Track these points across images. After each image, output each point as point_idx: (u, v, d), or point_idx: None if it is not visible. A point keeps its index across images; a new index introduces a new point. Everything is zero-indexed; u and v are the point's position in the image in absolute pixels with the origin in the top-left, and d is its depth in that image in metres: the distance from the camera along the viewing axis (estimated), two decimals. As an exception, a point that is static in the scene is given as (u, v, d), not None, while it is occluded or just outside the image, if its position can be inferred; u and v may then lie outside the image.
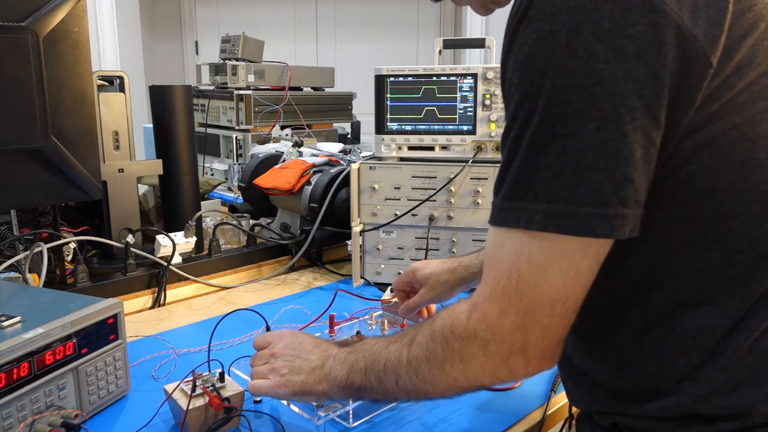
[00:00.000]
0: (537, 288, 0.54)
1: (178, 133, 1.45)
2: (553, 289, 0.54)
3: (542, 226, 0.52)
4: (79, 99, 1.10)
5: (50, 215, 1.22)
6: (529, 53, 0.52)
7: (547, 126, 0.51)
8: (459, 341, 0.59)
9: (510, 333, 0.56)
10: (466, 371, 0.60)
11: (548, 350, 0.57)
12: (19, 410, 0.73)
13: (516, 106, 0.54)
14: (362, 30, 5.11)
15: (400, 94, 1.37)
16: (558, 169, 0.51)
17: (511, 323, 0.56)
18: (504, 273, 0.55)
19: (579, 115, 0.50)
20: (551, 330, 0.56)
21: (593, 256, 0.53)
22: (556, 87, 0.51)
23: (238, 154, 2.44)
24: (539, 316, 0.55)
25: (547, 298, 0.54)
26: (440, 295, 1.02)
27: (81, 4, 1.07)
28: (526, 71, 0.53)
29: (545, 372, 0.97)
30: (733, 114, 0.53)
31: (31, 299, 0.90)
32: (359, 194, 1.38)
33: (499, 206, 0.56)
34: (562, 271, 0.53)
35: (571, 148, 0.51)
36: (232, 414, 0.80)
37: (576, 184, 0.51)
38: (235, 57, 2.57)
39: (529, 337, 0.56)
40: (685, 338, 0.58)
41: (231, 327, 1.08)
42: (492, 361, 0.58)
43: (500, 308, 0.56)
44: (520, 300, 0.55)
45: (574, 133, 0.50)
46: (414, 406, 0.89)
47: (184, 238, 1.37)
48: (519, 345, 0.56)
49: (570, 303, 0.55)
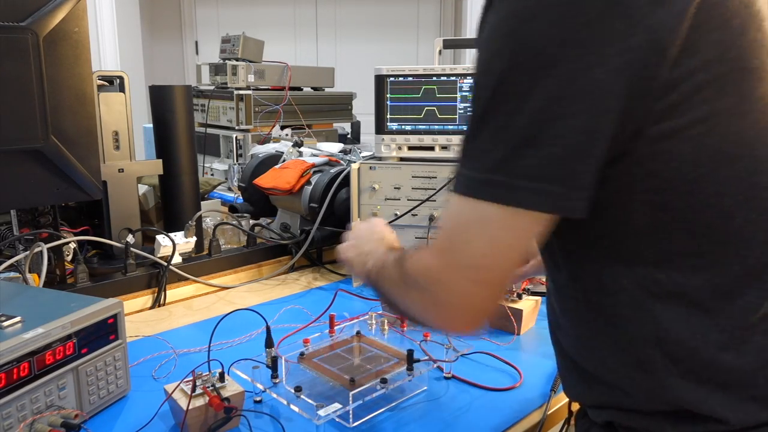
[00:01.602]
0: (461, 252, 0.57)
1: (178, 133, 1.45)
2: (477, 255, 0.56)
3: (474, 193, 0.55)
4: (79, 99, 1.10)
5: (50, 215, 1.22)
6: (488, 34, 0.55)
7: (494, 102, 0.54)
8: (410, 281, 0.64)
9: (436, 285, 0.60)
10: (411, 307, 0.66)
11: (467, 316, 0.60)
12: (19, 410, 0.73)
13: (475, 81, 0.57)
14: (362, 30, 5.11)
15: (400, 94, 1.37)
16: (495, 141, 0.54)
17: (439, 278, 0.59)
18: (443, 232, 0.60)
19: (523, 94, 0.52)
20: (471, 297, 0.58)
21: (520, 231, 0.55)
22: (506, 67, 0.53)
23: (238, 154, 2.43)
24: (460, 279, 0.58)
25: (470, 262, 0.57)
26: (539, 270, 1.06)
27: (81, 4, 1.07)
28: (485, 50, 0.56)
29: (545, 372, 0.98)
30: (700, 107, 0.53)
31: (31, 299, 0.90)
32: (359, 194, 1.38)
33: (457, 173, 0.59)
34: (487, 238, 0.56)
35: (510, 124, 0.53)
36: (232, 414, 0.80)
37: (508, 158, 0.53)
38: (235, 57, 2.57)
39: (449, 298, 0.59)
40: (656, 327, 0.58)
41: (231, 327, 1.08)
42: (424, 306, 0.63)
43: (435, 263, 0.60)
44: (447, 260, 0.58)
45: (516, 110, 0.52)
46: (414, 406, 0.89)
47: (184, 238, 1.37)
48: (441, 300, 0.60)
49: (494, 273, 0.57)
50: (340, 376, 0.89)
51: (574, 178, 0.53)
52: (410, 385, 0.93)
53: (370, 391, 0.85)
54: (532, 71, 0.52)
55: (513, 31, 0.53)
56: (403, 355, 0.92)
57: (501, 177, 0.53)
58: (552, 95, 0.51)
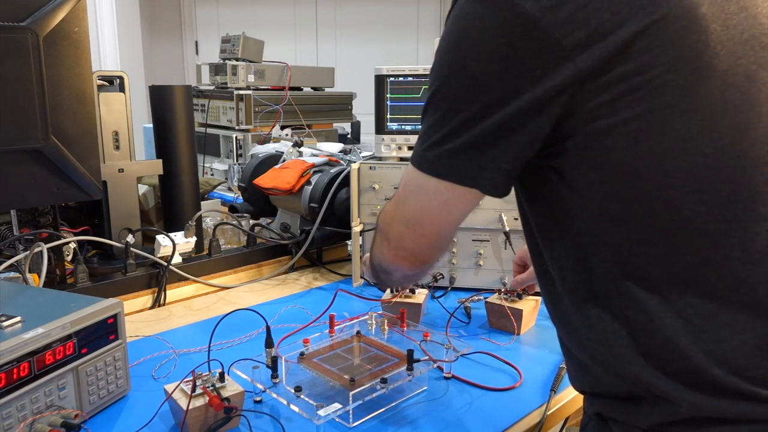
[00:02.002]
0: (404, 208, 0.72)
1: (178, 133, 1.45)
2: (412, 212, 0.71)
3: (416, 164, 0.69)
4: (79, 99, 1.10)
5: (50, 215, 1.22)
6: (440, 42, 0.66)
7: (434, 99, 0.66)
8: (380, 224, 0.78)
9: (386, 227, 0.75)
10: (381, 248, 0.77)
11: (404, 255, 0.74)
12: (19, 410, 0.73)
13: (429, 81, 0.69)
14: (362, 30, 5.11)
15: (400, 94, 1.37)
16: (432, 128, 0.67)
17: (388, 223, 0.75)
18: (399, 190, 0.74)
19: (452, 97, 0.64)
20: (404, 240, 0.73)
21: (441, 199, 0.68)
22: (445, 74, 0.64)
23: (238, 154, 2.44)
24: (400, 227, 0.73)
25: (408, 217, 0.71)
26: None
27: (81, 4, 1.07)
28: (437, 54, 0.66)
29: (545, 372, 0.98)
30: (634, 106, 0.57)
31: (31, 299, 0.90)
32: (359, 194, 1.38)
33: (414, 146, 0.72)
34: (420, 201, 0.69)
35: (442, 117, 0.65)
36: (232, 414, 0.80)
37: (437, 141, 0.65)
38: (235, 57, 2.57)
39: (391, 239, 0.74)
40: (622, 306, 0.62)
41: (231, 327, 1.08)
42: (379, 244, 0.77)
43: (389, 212, 0.75)
44: (395, 212, 0.73)
45: (447, 108, 0.64)
46: (414, 406, 0.89)
47: (184, 238, 1.37)
48: (387, 238, 0.75)
49: (424, 230, 0.71)
50: (340, 376, 0.89)
51: (485, 162, 0.63)
52: (410, 385, 0.93)
53: (370, 391, 0.85)
54: (462, 83, 0.62)
55: (452, 45, 0.63)
56: (403, 355, 0.92)
57: (432, 155, 0.66)
58: (476, 102, 0.61)
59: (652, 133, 0.57)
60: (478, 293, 1.27)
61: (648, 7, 0.56)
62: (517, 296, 1.16)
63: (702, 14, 0.57)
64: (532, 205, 0.71)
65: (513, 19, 0.57)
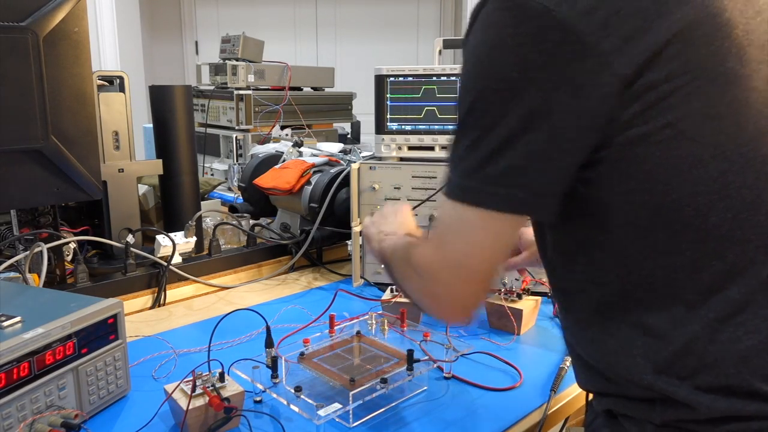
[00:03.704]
0: (447, 250, 0.64)
1: (178, 133, 1.45)
2: (459, 253, 0.63)
3: (455, 196, 0.62)
4: (79, 99, 1.10)
5: (50, 215, 1.22)
6: (466, 57, 0.63)
7: (470, 118, 0.61)
8: (413, 268, 0.70)
9: (429, 277, 0.67)
10: (413, 291, 0.73)
11: (454, 308, 0.68)
12: (19, 410, 0.73)
13: (458, 95, 0.64)
14: (362, 30, 5.11)
15: (400, 94, 1.37)
16: (469, 152, 0.61)
17: (431, 272, 0.67)
18: (436, 229, 0.67)
19: (492, 114, 0.59)
20: (456, 291, 0.66)
21: (494, 231, 0.62)
22: (479, 88, 0.60)
23: (238, 154, 2.43)
24: (447, 274, 0.65)
25: (454, 260, 0.64)
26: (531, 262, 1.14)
27: (81, 4, 1.07)
28: (464, 71, 0.63)
29: (545, 372, 0.98)
30: (666, 113, 0.56)
31: (31, 299, 0.90)
32: (359, 194, 1.38)
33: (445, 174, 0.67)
34: (467, 238, 0.63)
35: (482, 137, 0.60)
36: (232, 414, 0.80)
37: (478, 166, 0.60)
38: (235, 57, 2.56)
39: (438, 290, 0.67)
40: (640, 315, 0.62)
41: (231, 327, 1.08)
42: (421, 293, 0.70)
43: (428, 258, 0.67)
44: (437, 256, 0.66)
45: (487, 127, 0.59)
46: (414, 406, 0.89)
47: (184, 238, 1.37)
48: (433, 291, 0.68)
49: (475, 271, 0.64)
50: (340, 376, 0.89)
51: (535, 185, 0.59)
52: (410, 385, 0.93)
53: (370, 391, 0.85)
54: (500, 95, 0.58)
55: (484, 57, 0.60)
56: (403, 355, 0.92)
57: (474, 183, 0.61)
58: (517, 115, 0.58)
59: (683, 141, 0.57)
60: (478, 293, 1.27)
61: (675, 13, 0.56)
62: (517, 296, 1.16)
63: (726, 20, 0.57)
64: None
65: (549, 26, 0.56)
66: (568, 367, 0.98)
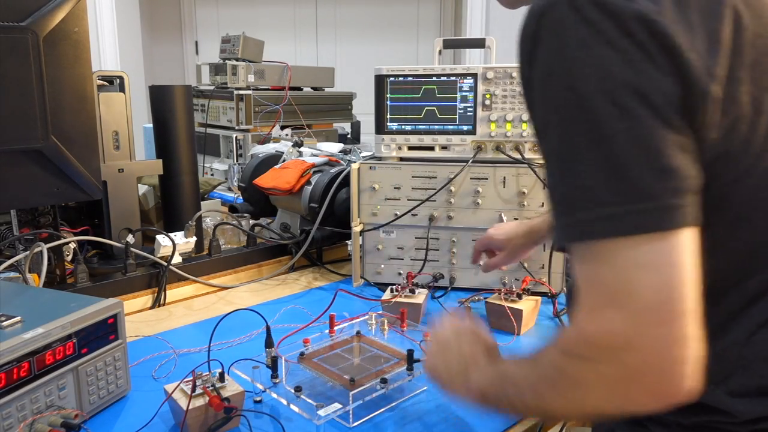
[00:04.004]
0: (630, 295, 0.50)
1: (178, 133, 1.45)
2: (649, 292, 0.49)
3: (601, 234, 0.51)
4: (79, 99, 1.10)
5: (50, 215, 1.22)
6: (547, 70, 0.55)
7: (579, 134, 0.53)
8: (571, 363, 0.55)
9: (619, 352, 0.50)
10: (585, 397, 0.55)
11: (673, 372, 0.50)
12: (19, 410, 0.73)
13: (544, 122, 0.56)
14: (362, 30, 5.11)
15: (400, 94, 1.37)
16: (596, 174, 0.52)
17: (616, 340, 0.51)
18: (593, 287, 0.53)
19: (606, 118, 0.52)
20: (667, 343, 0.49)
21: (676, 247, 0.50)
22: (577, 95, 0.53)
23: (238, 154, 2.43)
24: (644, 327, 0.50)
25: (645, 303, 0.49)
26: (517, 256, 1.17)
27: (81, 4, 1.07)
28: (548, 86, 0.55)
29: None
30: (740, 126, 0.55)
31: (31, 299, 0.90)
32: (359, 194, 1.38)
33: (558, 225, 0.56)
34: (649, 269, 0.50)
35: (605, 151, 0.52)
36: (232, 414, 0.80)
37: (617, 185, 0.51)
38: (235, 57, 2.56)
39: (645, 357, 0.50)
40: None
41: (231, 327, 1.08)
42: (608, 387, 0.52)
43: (600, 326, 0.52)
44: (616, 312, 0.51)
45: (605, 136, 0.52)
46: (414, 406, 0.89)
47: (184, 238, 1.37)
48: (634, 367, 0.50)
49: (678, 304, 0.49)
50: (340, 376, 0.89)
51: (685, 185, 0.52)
52: (410, 385, 0.93)
53: (370, 391, 0.85)
54: (607, 93, 0.52)
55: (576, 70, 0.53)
56: (403, 355, 0.92)
57: (613, 209, 0.51)
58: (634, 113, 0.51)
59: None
60: (478, 293, 1.27)
61: (726, 16, 0.55)
62: (517, 296, 1.16)
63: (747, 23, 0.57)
64: None
65: (635, 27, 0.52)
66: (568, 367, 0.98)
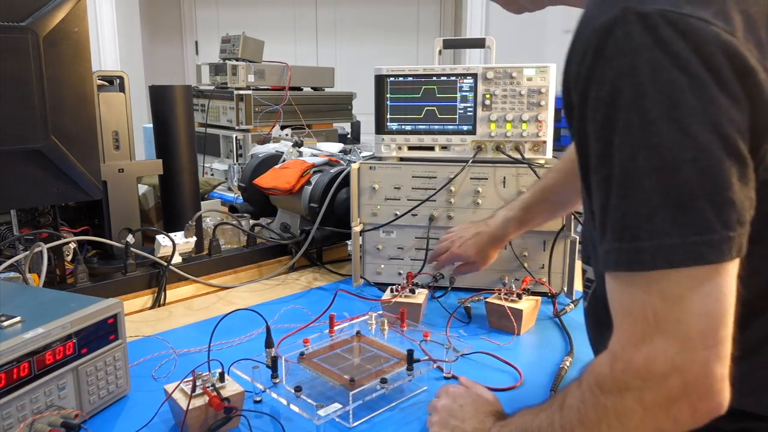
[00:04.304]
0: (680, 323, 0.52)
1: (178, 133, 1.45)
2: (699, 320, 0.52)
3: (651, 265, 0.52)
4: (79, 99, 1.10)
5: (50, 215, 1.22)
6: (612, 90, 0.54)
7: (640, 161, 0.52)
8: (611, 398, 0.56)
9: (663, 379, 0.53)
10: (626, 429, 0.56)
11: (714, 388, 0.52)
12: (19, 410, 0.73)
13: (603, 143, 0.55)
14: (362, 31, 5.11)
15: (400, 94, 1.37)
16: (657, 203, 0.52)
17: (662, 367, 0.53)
18: (638, 316, 0.54)
19: (672, 146, 0.51)
20: (709, 364, 0.52)
21: (725, 278, 0.52)
22: (645, 120, 0.52)
23: (238, 154, 2.44)
24: (691, 353, 0.52)
25: (695, 330, 0.52)
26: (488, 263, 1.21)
27: (81, 4, 1.07)
28: (611, 107, 0.54)
29: (545, 372, 0.98)
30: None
31: (31, 299, 0.90)
32: (359, 194, 1.38)
33: (606, 250, 0.56)
34: (699, 299, 0.52)
35: (669, 179, 0.51)
36: (232, 414, 0.80)
37: (678, 215, 0.51)
38: (235, 57, 2.57)
39: (687, 379, 0.52)
40: None
41: (231, 327, 1.08)
42: (652, 412, 0.54)
43: (644, 354, 0.53)
44: (664, 340, 0.52)
45: (670, 164, 0.51)
46: (414, 406, 0.89)
47: (184, 238, 1.37)
48: (678, 389, 0.53)
49: (722, 329, 0.52)
50: (340, 376, 0.89)
51: (741, 218, 0.52)
52: (410, 385, 0.93)
53: (370, 391, 0.85)
54: (675, 120, 0.51)
55: (635, 104, 0.52)
56: (403, 355, 0.92)
57: (671, 239, 0.51)
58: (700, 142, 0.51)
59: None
60: (478, 293, 1.27)
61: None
62: (517, 296, 1.16)
63: None
64: None
65: (710, 51, 0.51)
66: (568, 367, 0.98)
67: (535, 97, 1.30)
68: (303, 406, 0.85)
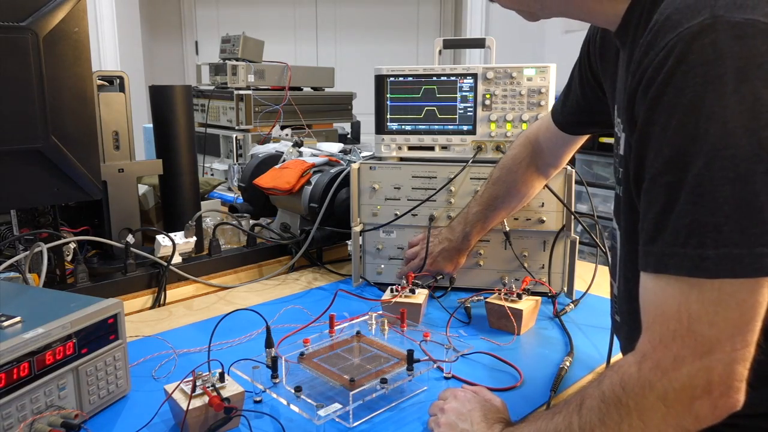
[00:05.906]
0: (713, 326, 0.54)
1: (178, 133, 1.45)
2: (731, 325, 0.53)
3: (714, 273, 0.53)
4: (79, 99, 1.10)
5: (50, 215, 1.22)
6: (693, 97, 0.54)
7: (714, 170, 0.53)
8: (634, 397, 0.57)
9: (690, 377, 0.55)
10: (648, 427, 0.57)
11: (734, 387, 0.55)
12: (19, 410, 0.73)
13: (674, 149, 0.55)
14: (362, 31, 5.11)
15: (400, 94, 1.37)
16: (728, 212, 0.52)
17: (690, 366, 0.55)
18: (672, 317, 0.55)
19: (749, 157, 0.52)
20: (734, 365, 0.54)
21: (765, 287, 0.54)
22: (724, 130, 0.52)
23: (238, 154, 2.44)
24: (720, 354, 0.54)
25: (725, 334, 0.54)
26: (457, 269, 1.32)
27: (81, 4, 1.07)
28: (689, 114, 0.54)
29: (545, 372, 0.98)
30: None
31: (31, 299, 0.90)
32: (359, 194, 1.38)
33: (659, 253, 0.56)
34: (738, 305, 0.53)
35: (742, 191, 0.52)
36: (232, 414, 0.80)
37: (748, 227, 0.52)
38: (235, 57, 2.57)
39: (711, 378, 0.54)
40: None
41: (231, 327, 1.08)
42: (674, 410, 0.56)
43: (674, 353, 0.55)
44: (695, 341, 0.54)
45: (744, 175, 0.52)
46: (414, 406, 0.89)
47: (184, 238, 1.37)
48: (702, 388, 0.55)
49: (750, 334, 0.54)
50: (340, 376, 0.89)
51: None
52: (410, 385, 0.93)
53: (370, 391, 0.85)
54: (754, 132, 0.52)
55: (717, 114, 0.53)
56: (403, 355, 0.92)
57: (737, 250, 0.52)
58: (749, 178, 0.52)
59: None
60: (478, 293, 1.27)
61: None
62: (517, 296, 1.16)
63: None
64: None
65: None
66: (568, 367, 0.98)
67: (535, 97, 1.30)
68: (303, 407, 0.85)
